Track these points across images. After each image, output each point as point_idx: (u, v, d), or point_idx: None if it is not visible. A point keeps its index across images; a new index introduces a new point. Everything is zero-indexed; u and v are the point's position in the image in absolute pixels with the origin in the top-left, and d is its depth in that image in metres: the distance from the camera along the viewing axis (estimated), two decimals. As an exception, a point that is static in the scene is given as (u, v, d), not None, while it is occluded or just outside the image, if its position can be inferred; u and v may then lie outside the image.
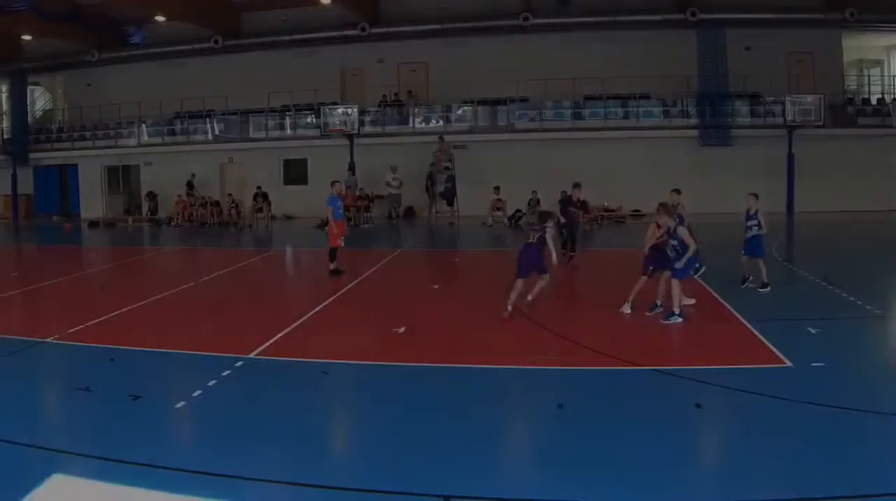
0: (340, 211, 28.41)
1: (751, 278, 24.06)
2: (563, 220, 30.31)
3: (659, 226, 20.15)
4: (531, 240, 20.75)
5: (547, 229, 20.67)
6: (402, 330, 18.92)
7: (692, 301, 20.88)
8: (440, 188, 51.15)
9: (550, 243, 20.69)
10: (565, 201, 31.39)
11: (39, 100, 66.76)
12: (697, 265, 23.16)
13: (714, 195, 46.44)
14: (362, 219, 50.44)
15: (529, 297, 20.95)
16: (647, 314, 20.07)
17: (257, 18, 56.74)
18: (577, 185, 32.06)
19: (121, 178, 60.66)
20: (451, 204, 51.06)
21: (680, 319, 19.34)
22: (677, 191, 24.16)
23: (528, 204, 48.23)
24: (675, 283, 19.31)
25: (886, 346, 18.34)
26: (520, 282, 20.59)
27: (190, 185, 54.20)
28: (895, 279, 23.94)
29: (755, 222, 23.38)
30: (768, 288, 23.31)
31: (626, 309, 20.46)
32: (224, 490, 10.11)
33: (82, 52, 58.30)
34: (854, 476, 10.22)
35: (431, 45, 55.11)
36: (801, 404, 13.05)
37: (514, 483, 10.62)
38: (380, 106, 54.97)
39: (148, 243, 45.27)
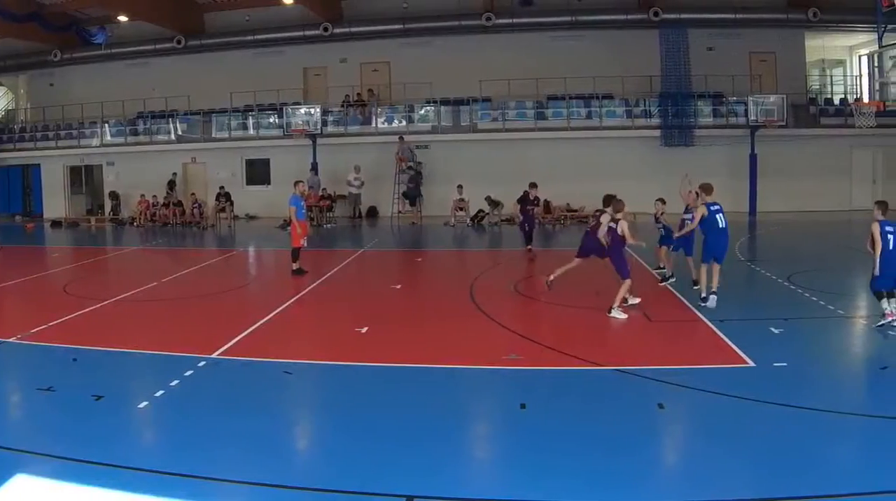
0: (303, 211, 27.95)
1: (672, 275, 24.15)
2: (520, 218, 32.53)
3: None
4: (592, 225, 22.23)
5: (607, 215, 21.15)
6: (364, 329, 18.64)
7: (637, 300, 20.63)
8: (403, 188, 49.36)
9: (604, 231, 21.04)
10: (523, 199, 32.11)
11: (2, 100, 63.83)
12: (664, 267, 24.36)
13: (677, 195, 42.52)
14: (325, 219, 48.48)
15: (551, 277, 22.57)
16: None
17: (220, 18, 54.60)
18: (533, 185, 32.37)
19: (83, 178, 57.84)
20: (413, 204, 49.18)
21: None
22: (662, 201, 25.25)
23: (487, 199, 46.81)
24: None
25: (849, 346, 17.92)
26: (575, 261, 22.25)
27: (171, 185, 52.02)
28: (858, 279, 22.69)
29: (689, 217, 22.69)
30: (670, 281, 23.88)
31: (620, 315, 19.94)
32: (186, 490, 9.88)
33: (45, 52, 56.35)
34: (816, 475, 10.13)
35: (394, 45, 53.30)
36: (764, 404, 12.89)
37: (476, 482, 10.44)
38: (342, 106, 52.69)
39: (110, 243, 43.45)
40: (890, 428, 11.83)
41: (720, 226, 21.16)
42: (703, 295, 21.05)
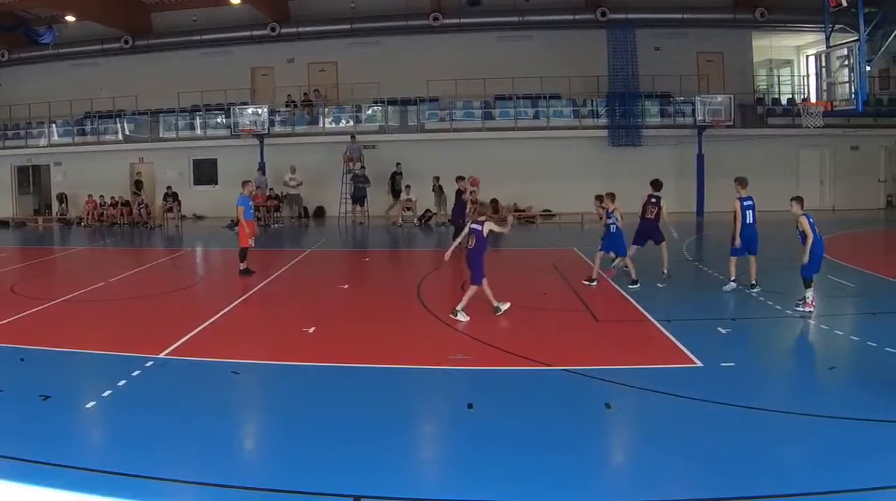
0: (252, 211, 26.60)
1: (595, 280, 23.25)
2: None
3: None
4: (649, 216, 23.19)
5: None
6: (311, 329, 17.90)
7: (507, 305, 19.26)
8: (351, 189, 45.98)
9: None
10: (457, 194, 31.41)
11: (-51, 99, 59.64)
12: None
13: (623, 195, 40.62)
14: (272, 219, 45.67)
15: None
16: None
17: (167, 18, 50.87)
18: (460, 178, 31.85)
19: (31, 178, 54.20)
20: (360, 204, 45.75)
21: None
22: (609, 197, 23.69)
23: (433, 190, 44.13)
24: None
25: (796, 346, 17.47)
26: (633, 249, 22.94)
27: (138, 185, 48.77)
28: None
29: (612, 221, 22.62)
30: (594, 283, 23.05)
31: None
32: (133, 490, 9.43)
33: (-8, 52, 51.61)
34: (764, 476, 9.70)
35: (341, 45, 50.11)
36: (711, 404, 12.47)
37: (423, 482, 9.97)
38: (287, 106, 49.43)
39: (58, 243, 40.74)
40: (838, 428, 11.41)
41: (748, 220, 21.32)
42: (735, 284, 21.74)
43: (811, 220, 18.54)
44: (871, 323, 18.30)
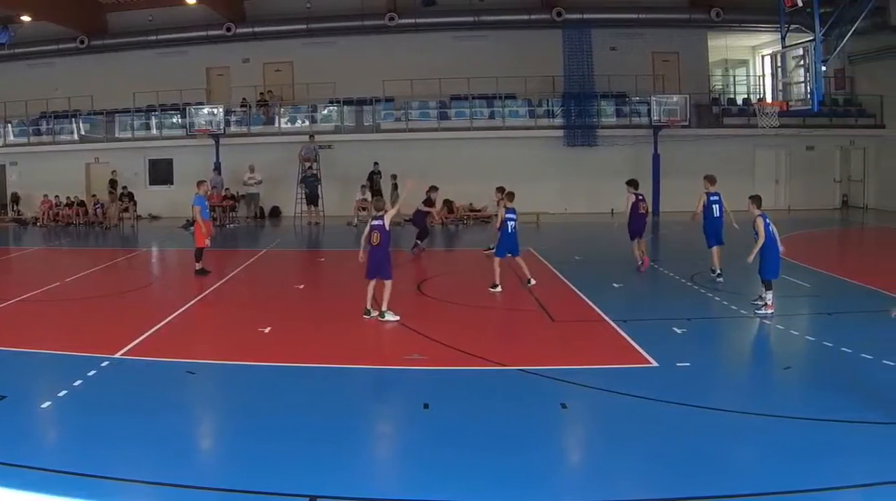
0: (207, 210, 25.57)
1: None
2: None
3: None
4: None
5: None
6: (267, 329, 17.13)
7: (396, 318, 17.97)
8: (305, 189, 43.35)
9: None
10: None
11: None
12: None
13: (579, 195, 42.28)
14: (228, 219, 42.91)
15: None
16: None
17: (123, 18, 47.72)
18: (433, 188, 30.65)
19: (-14, 178, 50.33)
20: (316, 204, 43.19)
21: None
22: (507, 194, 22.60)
23: (370, 178, 41.87)
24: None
25: (752, 346, 16.96)
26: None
27: (113, 184, 45.35)
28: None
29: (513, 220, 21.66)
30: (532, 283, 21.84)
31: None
32: (90, 490, 8.99)
33: (-52, 52, 48.65)
34: (719, 476, 9.42)
35: (297, 45, 47.19)
36: (667, 404, 11.91)
37: (379, 482, 9.63)
38: (242, 106, 46.60)
39: (13, 243, 38.33)
40: (793, 428, 10.97)
41: (715, 215, 21.93)
42: (718, 272, 21.91)
43: (767, 221, 18.04)
44: (827, 323, 17.78)
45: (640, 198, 24.28)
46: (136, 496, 9.15)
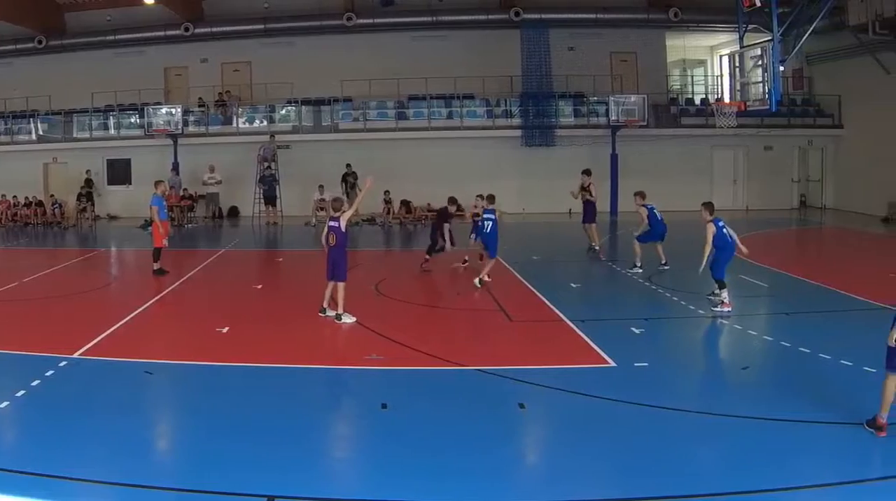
0: (165, 210, 24.69)
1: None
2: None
3: None
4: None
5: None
6: (225, 329, 16.30)
7: (353, 319, 17.07)
8: (263, 186, 40.75)
9: None
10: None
11: None
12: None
13: (537, 195, 39.75)
14: (186, 219, 40.21)
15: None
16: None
17: (81, 18, 44.34)
18: (453, 201, 25.70)
19: (-55, 179, 47.10)
20: (274, 204, 40.49)
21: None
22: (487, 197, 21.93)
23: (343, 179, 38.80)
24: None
25: (710, 346, 16.32)
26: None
27: (89, 184, 42.18)
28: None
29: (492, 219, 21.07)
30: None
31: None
32: (47, 490, 8.73)
33: None
34: (677, 476, 9.14)
35: (255, 45, 44.02)
36: (625, 404, 11.57)
37: (337, 482, 9.36)
38: (200, 106, 43.67)
39: None
40: (751, 429, 10.51)
41: (658, 218, 22.65)
42: (639, 264, 22.43)
43: (720, 224, 17.64)
44: (785, 323, 17.14)
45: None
46: (94, 496, 8.76)
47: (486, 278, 21.09)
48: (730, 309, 17.49)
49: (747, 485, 8.73)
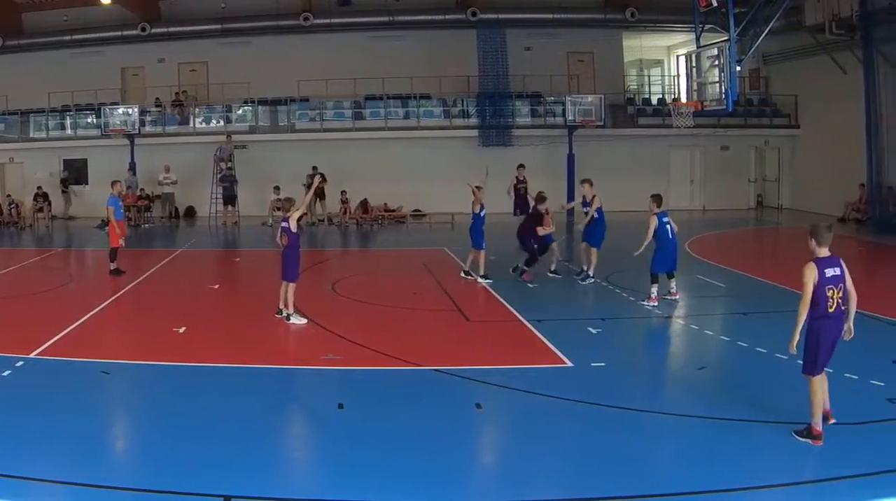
0: (121, 211, 23.63)
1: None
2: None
3: None
4: None
5: None
6: (182, 329, 15.47)
7: (303, 321, 15.94)
8: (224, 183, 38.12)
9: None
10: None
11: None
12: None
13: (494, 195, 33.78)
14: (142, 219, 37.68)
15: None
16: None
17: (38, 18, 41.38)
18: (542, 198, 23.22)
19: None
20: (232, 204, 37.96)
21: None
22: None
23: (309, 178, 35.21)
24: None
25: (667, 346, 15.48)
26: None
27: (65, 183, 39.90)
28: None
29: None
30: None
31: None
32: (3, 491, 8.28)
33: None
34: (633, 476, 8.73)
35: (212, 45, 41.00)
36: (582, 404, 11.10)
37: (293, 482, 8.92)
38: (156, 106, 40.81)
39: None
40: (707, 429, 10.15)
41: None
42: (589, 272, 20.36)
43: (664, 219, 17.12)
44: (742, 323, 16.26)
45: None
46: (51, 496, 8.26)
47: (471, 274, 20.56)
48: (655, 304, 17.07)
49: (704, 485, 8.37)
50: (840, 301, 9.50)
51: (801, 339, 9.63)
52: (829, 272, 9.45)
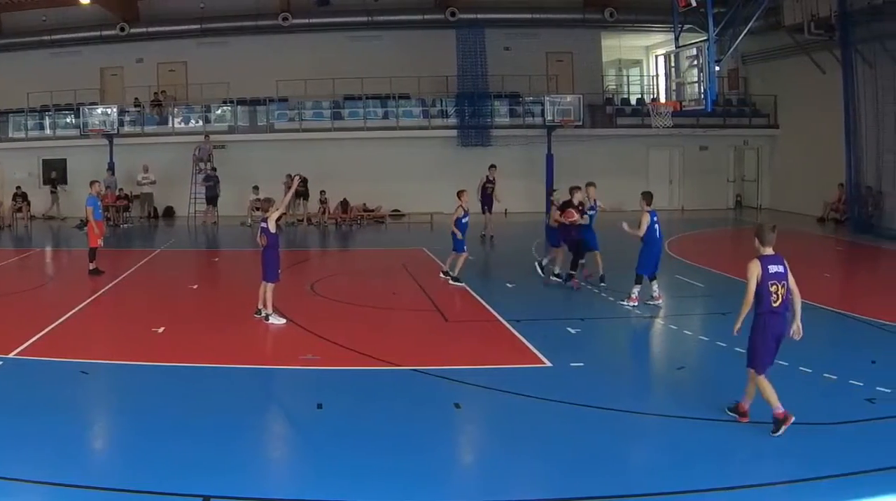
0: (100, 210, 22.97)
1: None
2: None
3: None
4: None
5: None
6: (161, 330, 14.96)
7: (281, 321, 15.44)
8: (202, 188, 36.76)
9: None
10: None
11: None
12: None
13: (473, 195, 32.18)
14: (121, 219, 36.44)
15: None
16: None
17: (17, 18, 39.79)
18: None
19: None
20: (214, 204, 36.61)
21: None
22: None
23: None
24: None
25: (645, 346, 15.25)
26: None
27: (54, 183, 38.32)
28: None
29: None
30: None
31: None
32: None
33: None
34: (613, 476, 8.56)
35: (191, 45, 39.65)
36: (561, 404, 10.78)
37: (272, 482, 8.66)
38: (135, 106, 39.40)
39: None
40: (686, 428, 9.90)
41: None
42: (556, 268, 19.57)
43: (654, 218, 16.44)
44: (720, 322, 14.98)
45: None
46: (29, 495, 8.00)
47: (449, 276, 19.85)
48: (635, 304, 16.61)
49: (683, 485, 8.12)
50: (784, 297, 9.69)
51: (761, 336, 9.73)
52: (773, 269, 9.71)
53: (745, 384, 9.89)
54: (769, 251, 9.77)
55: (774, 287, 9.56)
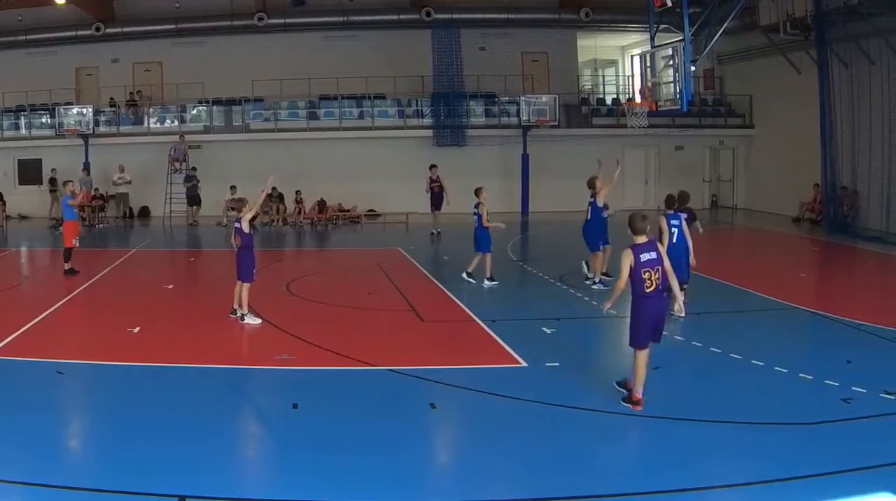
0: (75, 210, 21.17)
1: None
2: None
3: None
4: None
5: None
6: (136, 329, 14.21)
7: (257, 321, 14.74)
8: (183, 188, 34.72)
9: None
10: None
11: None
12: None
13: (449, 195, 32.16)
14: (97, 219, 34.26)
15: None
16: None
17: (-8, 18, 37.22)
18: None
19: None
20: (197, 204, 34.69)
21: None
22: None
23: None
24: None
25: (620, 346, 12.98)
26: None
27: (53, 182, 35.51)
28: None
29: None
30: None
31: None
32: None
33: None
34: (588, 476, 8.24)
35: (166, 45, 37.23)
36: (536, 404, 10.39)
37: (248, 482, 8.31)
38: (111, 106, 37.15)
39: None
40: (662, 429, 9.47)
41: (588, 218, 18.15)
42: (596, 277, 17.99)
43: (671, 222, 14.74)
44: (696, 323, 14.56)
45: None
46: (5, 495, 7.52)
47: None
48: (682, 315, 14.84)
49: (657, 485, 7.69)
50: (658, 282, 9.65)
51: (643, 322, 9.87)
52: (645, 256, 9.69)
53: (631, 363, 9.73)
54: (642, 239, 9.73)
55: (647, 273, 9.57)
